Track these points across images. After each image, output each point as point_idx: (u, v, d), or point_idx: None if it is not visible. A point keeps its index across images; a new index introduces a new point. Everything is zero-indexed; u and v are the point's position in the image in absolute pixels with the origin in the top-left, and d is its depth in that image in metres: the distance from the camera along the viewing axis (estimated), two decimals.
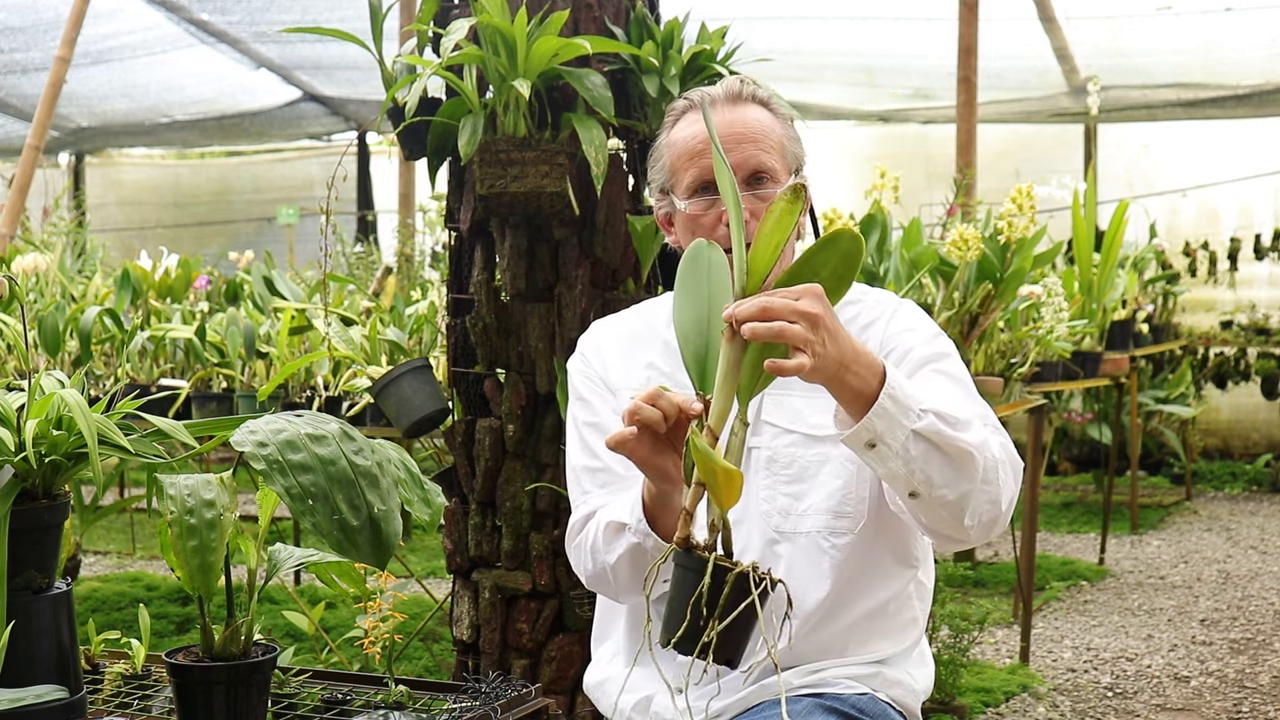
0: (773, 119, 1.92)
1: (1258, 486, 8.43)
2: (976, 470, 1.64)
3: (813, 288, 1.49)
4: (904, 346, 1.85)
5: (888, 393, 1.57)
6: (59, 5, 7.46)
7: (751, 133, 1.87)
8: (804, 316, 1.46)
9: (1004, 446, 1.72)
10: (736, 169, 1.83)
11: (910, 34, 7.66)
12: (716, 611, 1.41)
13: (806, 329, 1.46)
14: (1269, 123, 8.87)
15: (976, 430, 1.66)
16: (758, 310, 1.45)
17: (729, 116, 1.88)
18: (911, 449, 1.60)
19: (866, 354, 1.57)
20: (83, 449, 1.44)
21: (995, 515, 1.69)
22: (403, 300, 4.87)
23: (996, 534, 1.73)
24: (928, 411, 1.60)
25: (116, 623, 4.73)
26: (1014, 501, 1.72)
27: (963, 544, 1.78)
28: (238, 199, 11.38)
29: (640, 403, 1.56)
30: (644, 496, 1.72)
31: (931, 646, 2.02)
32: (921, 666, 1.94)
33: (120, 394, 3.88)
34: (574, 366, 2.02)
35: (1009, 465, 1.71)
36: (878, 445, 1.59)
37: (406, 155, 3.07)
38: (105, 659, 1.97)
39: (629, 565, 1.78)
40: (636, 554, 1.76)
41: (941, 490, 1.63)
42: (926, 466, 1.61)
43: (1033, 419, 4.70)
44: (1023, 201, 4.03)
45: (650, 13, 3.14)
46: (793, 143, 1.93)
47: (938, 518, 1.68)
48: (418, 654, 4.41)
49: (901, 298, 1.99)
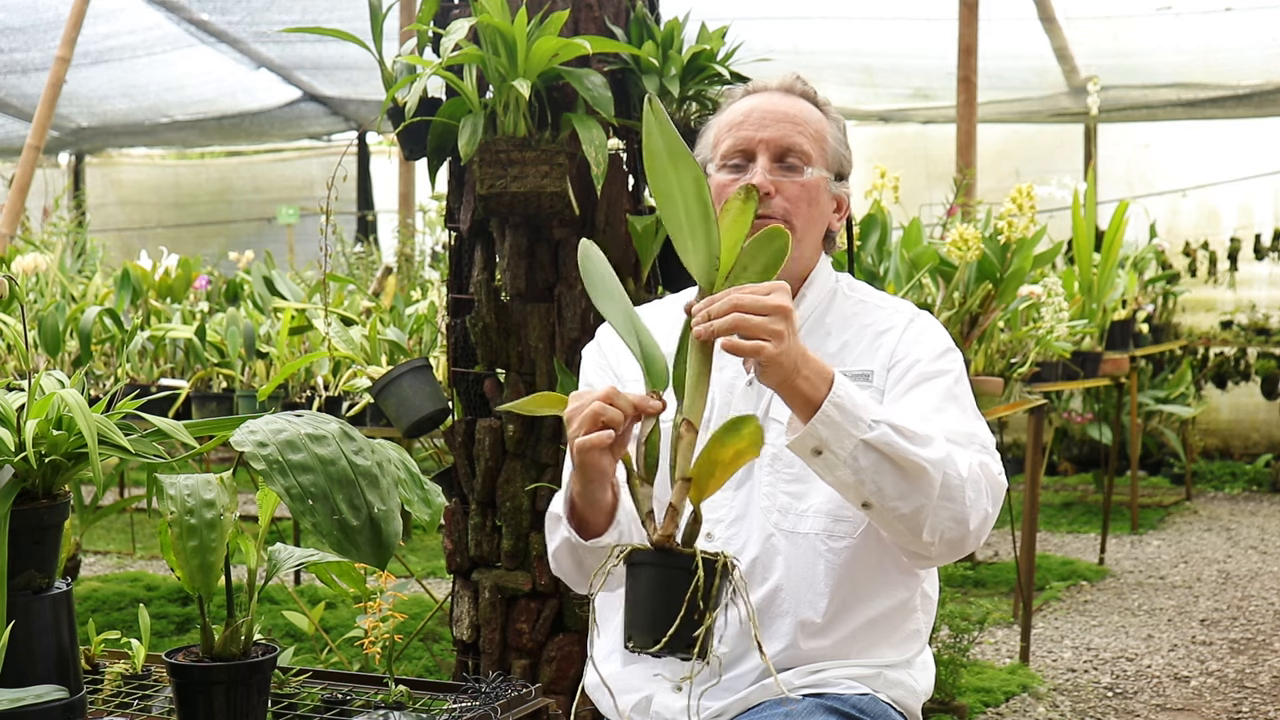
0: (821, 115, 1.94)
1: (1258, 486, 8.43)
2: (932, 486, 1.64)
3: (780, 284, 1.52)
4: (911, 358, 1.86)
5: (833, 401, 1.59)
6: (59, 5, 7.46)
7: (792, 115, 1.90)
8: (775, 310, 1.50)
9: (984, 466, 1.72)
10: (769, 144, 1.87)
11: (910, 34, 7.66)
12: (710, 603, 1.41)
13: (776, 321, 1.50)
14: (1269, 123, 8.87)
15: (936, 446, 1.66)
16: (729, 306, 1.49)
17: (776, 99, 1.92)
18: (861, 459, 1.61)
19: (817, 361, 1.60)
20: (83, 449, 1.44)
21: (962, 535, 1.69)
22: (403, 300, 4.87)
23: (966, 553, 1.74)
24: (880, 423, 1.62)
25: (116, 623, 4.73)
26: (988, 520, 1.72)
27: (929, 560, 1.78)
28: (238, 199, 11.38)
29: (602, 404, 1.56)
30: (574, 496, 1.72)
31: (931, 647, 2.02)
32: (923, 668, 1.94)
33: (120, 394, 3.88)
34: (589, 353, 2.04)
35: (984, 485, 1.71)
36: (824, 453, 1.61)
37: (406, 155, 3.07)
38: (105, 659, 1.97)
39: (567, 557, 1.80)
40: (571, 549, 1.77)
41: (895, 502, 1.64)
42: (878, 477, 1.63)
43: (1033, 419, 4.70)
44: (1023, 201, 4.03)
45: (650, 13, 3.14)
46: (838, 143, 1.95)
47: (894, 530, 1.70)
48: (418, 654, 4.41)
49: (903, 298, 2.00)
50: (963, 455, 1.70)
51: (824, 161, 1.91)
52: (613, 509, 1.72)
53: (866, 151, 8.94)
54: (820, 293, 1.94)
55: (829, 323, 1.92)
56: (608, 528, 1.72)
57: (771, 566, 1.82)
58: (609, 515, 1.72)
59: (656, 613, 1.42)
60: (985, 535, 1.73)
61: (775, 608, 1.82)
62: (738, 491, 1.87)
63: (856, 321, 1.93)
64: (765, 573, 1.82)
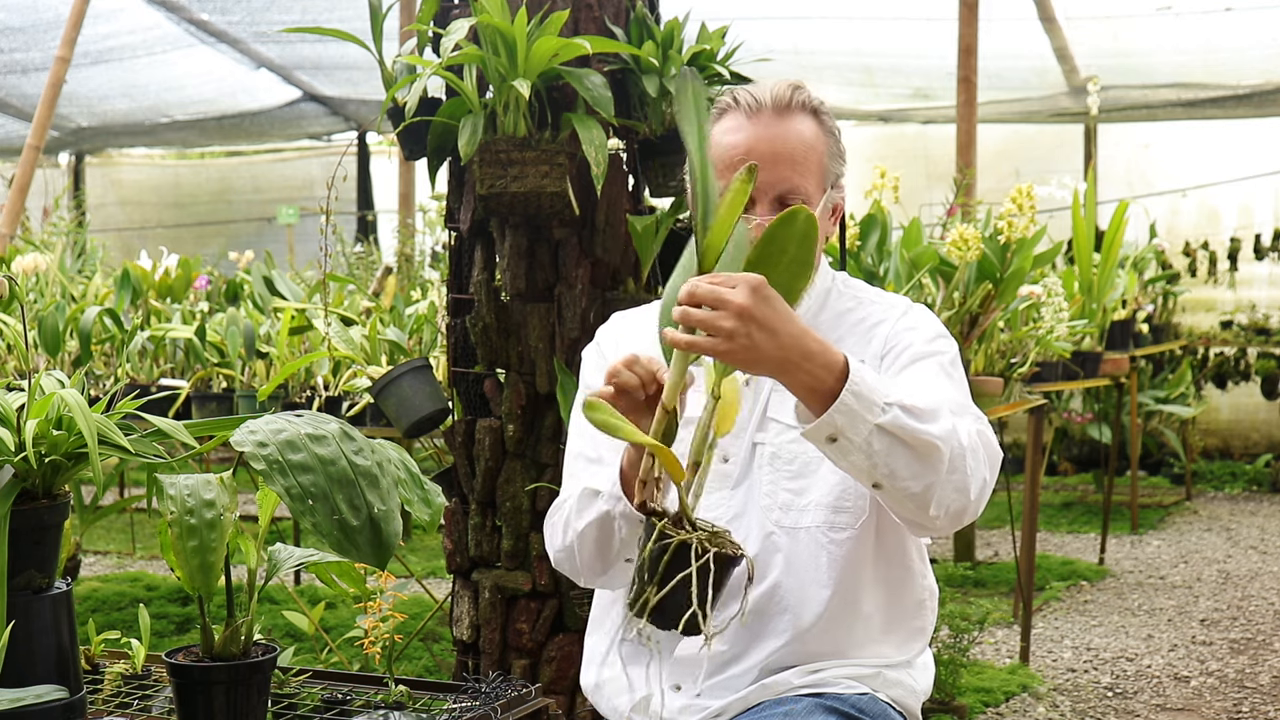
0: (817, 132, 1.89)
1: (1258, 486, 8.43)
2: (942, 461, 1.64)
3: (750, 277, 1.51)
4: (904, 343, 1.87)
5: (850, 389, 1.58)
6: (59, 5, 7.46)
7: (790, 153, 1.85)
8: (724, 304, 1.49)
9: (980, 434, 1.72)
10: (768, 188, 1.83)
11: (910, 34, 7.66)
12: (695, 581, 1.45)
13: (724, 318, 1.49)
14: (1269, 123, 8.87)
15: (943, 420, 1.66)
16: (684, 295, 1.51)
17: (772, 130, 1.86)
18: (875, 443, 1.61)
19: (822, 353, 1.58)
20: (83, 449, 1.44)
21: (964, 504, 1.68)
22: (403, 300, 4.87)
23: (968, 521, 1.73)
24: (893, 405, 1.61)
25: (116, 623, 4.73)
26: (986, 488, 1.71)
27: (932, 532, 1.78)
28: (238, 199, 11.38)
29: (619, 366, 1.60)
30: (623, 464, 1.73)
31: (931, 647, 2.02)
32: (923, 668, 1.94)
33: (120, 394, 3.88)
34: (589, 355, 2.04)
35: (981, 452, 1.70)
36: (839, 440, 1.60)
37: (406, 155, 3.07)
38: (105, 659, 1.97)
39: (595, 532, 1.80)
40: (604, 522, 1.78)
41: (906, 482, 1.64)
42: (890, 460, 1.62)
43: (1033, 419, 4.70)
44: (1023, 201, 4.03)
45: (650, 13, 3.14)
46: (833, 159, 1.91)
47: (903, 507, 1.69)
48: (418, 654, 4.41)
49: (911, 300, 2.00)
50: (962, 424, 1.70)
51: (822, 186, 1.88)
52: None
53: (866, 151, 8.95)
54: (815, 292, 1.94)
55: (823, 320, 1.92)
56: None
57: (770, 564, 1.82)
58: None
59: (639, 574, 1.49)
60: (984, 503, 1.72)
61: (774, 605, 1.82)
62: (735, 490, 1.87)
63: (851, 317, 1.94)
64: (764, 570, 1.82)
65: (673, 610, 1.45)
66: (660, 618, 1.46)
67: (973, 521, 1.78)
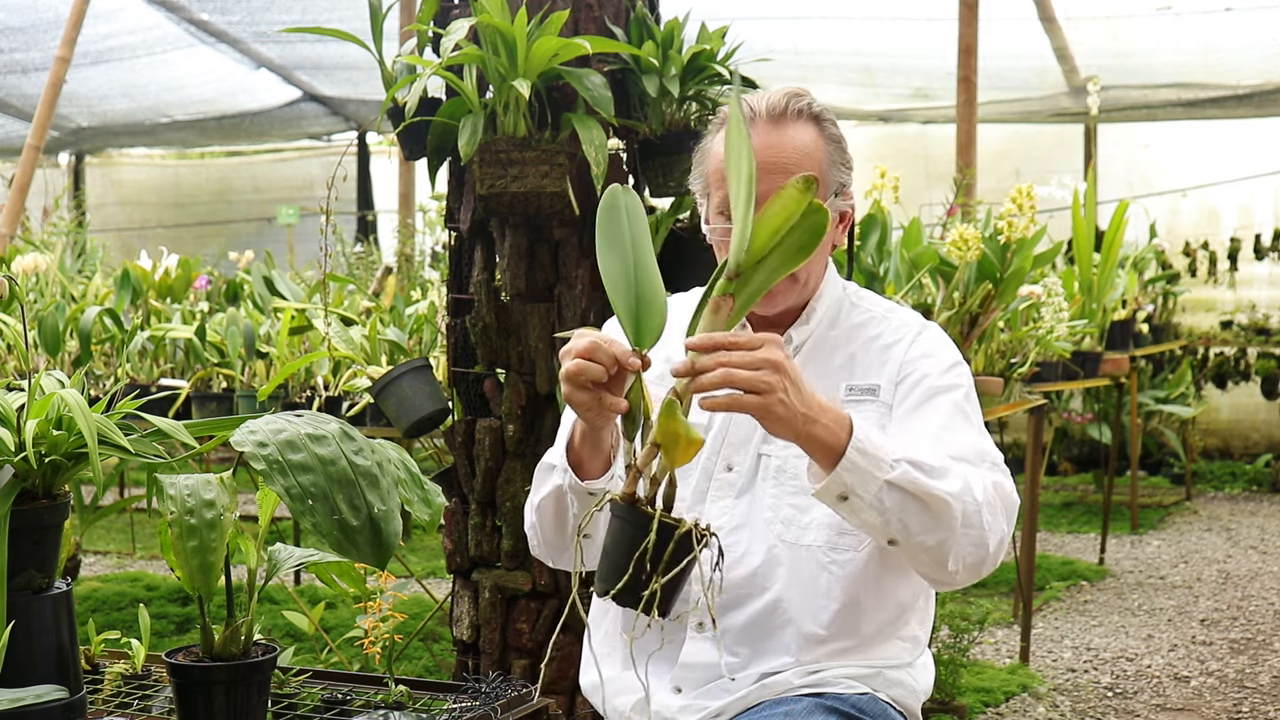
0: (817, 140, 1.85)
1: (1258, 486, 8.43)
2: (955, 517, 1.64)
3: (771, 337, 1.52)
4: (920, 372, 1.85)
5: (855, 446, 1.59)
6: (59, 5, 7.46)
7: (786, 162, 1.81)
8: (765, 363, 1.49)
9: (997, 485, 1.72)
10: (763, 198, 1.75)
11: (910, 34, 7.66)
12: (660, 567, 1.45)
13: (768, 373, 1.49)
14: (1269, 123, 8.87)
15: (955, 477, 1.66)
16: (715, 364, 1.48)
17: (770, 139, 1.82)
18: (886, 499, 1.61)
19: (833, 407, 1.59)
20: (83, 449, 1.44)
21: (982, 557, 1.69)
22: (403, 300, 4.87)
23: (986, 573, 1.73)
24: (901, 461, 1.62)
25: (116, 623, 4.73)
26: (1004, 541, 1.72)
27: (951, 586, 1.77)
28: (238, 199, 11.38)
29: (582, 362, 1.55)
30: (573, 436, 1.73)
31: (931, 647, 2.02)
32: (923, 668, 1.94)
33: (120, 394, 3.88)
34: None
35: (999, 504, 1.71)
36: (850, 498, 1.61)
37: (406, 155, 3.07)
38: (105, 659, 1.97)
39: (552, 506, 1.81)
40: (559, 496, 1.78)
41: (920, 537, 1.65)
42: (903, 515, 1.63)
43: (1033, 419, 4.70)
44: (1023, 201, 4.03)
45: (650, 13, 3.14)
46: (835, 167, 1.87)
47: (920, 563, 1.71)
48: (418, 654, 4.41)
49: (902, 298, 1.99)
50: (977, 477, 1.70)
51: (826, 196, 1.85)
52: (609, 459, 1.73)
53: (866, 151, 8.94)
54: (828, 304, 1.92)
55: (835, 335, 1.91)
56: (602, 474, 1.73)
57: (773, 577, 1.82)
58: (605, 464, 1.73)
59: (614, 563, 1.47)
60: (1003, 554, 1.74)
61: (777, 618, 1.81)
62: (739, 500, 1.86)
63: (863, 333, 1.91)
64: (767, 583, 1.81)
65: (665, 597, 1.46)
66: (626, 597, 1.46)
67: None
